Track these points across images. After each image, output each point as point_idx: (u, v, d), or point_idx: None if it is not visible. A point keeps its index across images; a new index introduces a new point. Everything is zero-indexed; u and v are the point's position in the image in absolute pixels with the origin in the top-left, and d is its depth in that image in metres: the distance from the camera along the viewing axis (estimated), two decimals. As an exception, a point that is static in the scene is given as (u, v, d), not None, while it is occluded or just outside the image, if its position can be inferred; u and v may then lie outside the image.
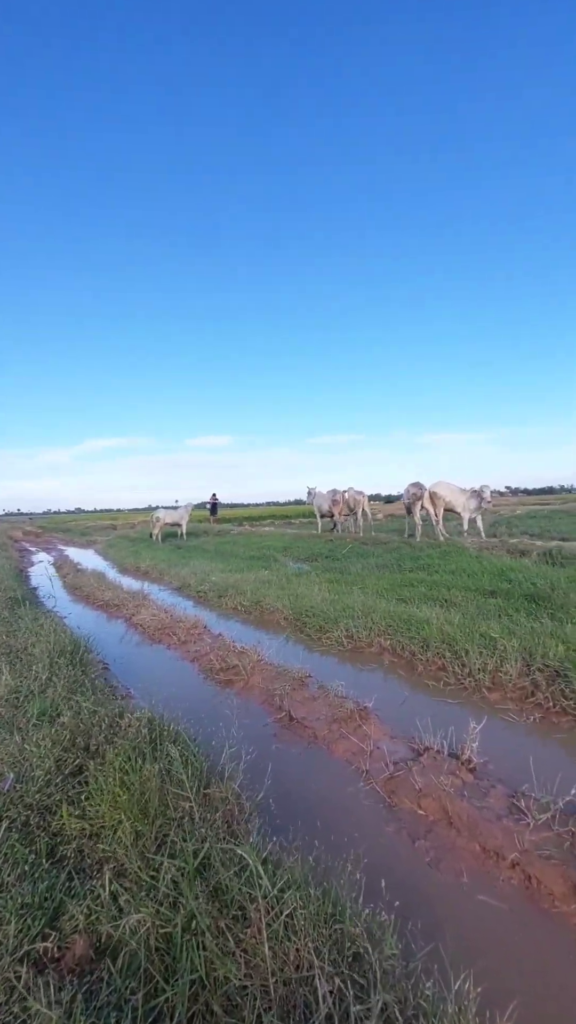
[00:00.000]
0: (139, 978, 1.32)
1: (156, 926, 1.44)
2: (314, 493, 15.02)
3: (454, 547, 9.62)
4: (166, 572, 10.56)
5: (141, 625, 6.34)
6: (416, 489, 11.44)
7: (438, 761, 2.85)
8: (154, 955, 1.37)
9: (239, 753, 2.66)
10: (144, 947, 1.39)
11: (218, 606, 7.41)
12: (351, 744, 3.16)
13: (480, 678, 3.91)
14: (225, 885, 1.61)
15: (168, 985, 1.29)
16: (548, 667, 3.76)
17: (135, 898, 1.56)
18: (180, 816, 2.05)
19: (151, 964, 1.35)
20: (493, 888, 1.99)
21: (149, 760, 2.35)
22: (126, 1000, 1.26)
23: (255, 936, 1.41)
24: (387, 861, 2.14)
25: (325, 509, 14.55)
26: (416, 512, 11.53)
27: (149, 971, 1.34)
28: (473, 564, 7.68)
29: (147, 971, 1.34)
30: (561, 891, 1.92)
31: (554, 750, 3.03)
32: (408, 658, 4.60)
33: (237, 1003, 1.26)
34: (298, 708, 3.72)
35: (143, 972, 1.33)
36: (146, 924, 1.44)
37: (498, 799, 2.50)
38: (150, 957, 1.36)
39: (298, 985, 1.33)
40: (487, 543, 9.87)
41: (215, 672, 4.55)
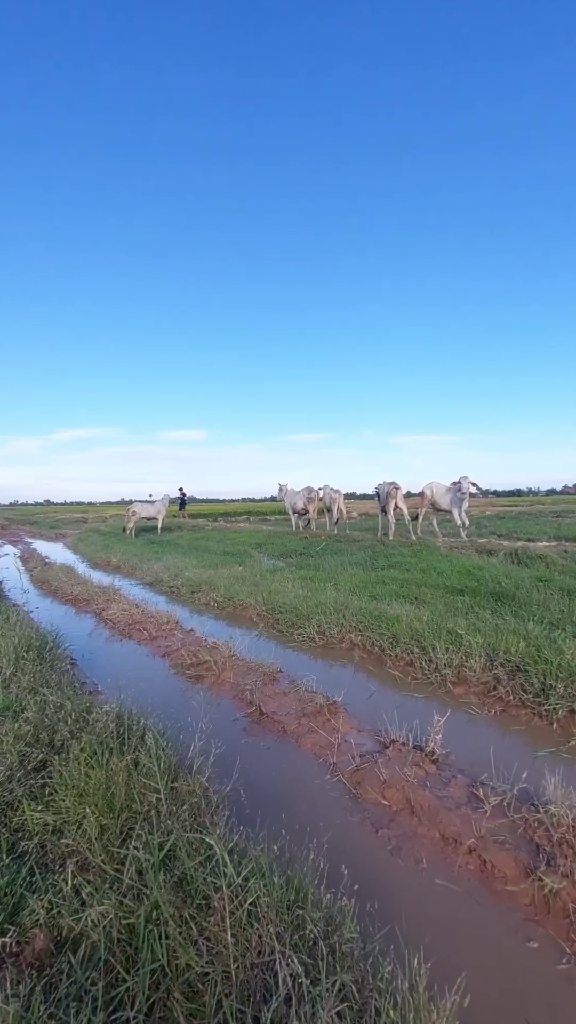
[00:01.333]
0: (100, 969, 1.33)
1: (119, 917, 1.44)
2: (286, 491, 15.01)
3: (426, 546, 9.84)
4: (138, 567, 10.41)
5: (111, 620, 6.25)
6: (390, 487, 11.59)
7: (403, 753, 2.93)
8: (116, 946, 1.38)
9: (208, 747, 2.67)
10: (106, 939, 1.39)
11: (191, 602, 7.37)
12: (320, 738, 3.22)
13: (446, 673, 4.03)
14: (190, 875, 1.62)
15: (129, 975, 1.30)
16: (510, 662, 3.92)
17: (98, 891, 1.55)
18: (147, 809, 2.05)
19: (112, 955, 1.35)
20: (450, 873, 2.08)
21: (116, 754, 2.34)
22: (86, 991, 1.26)
23: (218, 924, 1.43)
24: (350, 849, 2.20)
25: (299, 507, 14.56)
26: (390, 511, 11.70)
27: (110, 962, 1.34)
28: (443, 563, 7.88)
29: (108, 962, 1.34)
30: (513, 873, 2.02)
31: (513, 741, 3.16)
32: (378, 654, 4.70)
33: (198, 989, 1.28)
34: (268, 703, 3.75)
35: (104, 963, 1.34)
36: (109, 916, 1.44)
37: (458, 788, 2.60)
38: (112, 948, 1.37)
39: (259, 970, 1.36)
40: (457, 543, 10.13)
41: (186, 667, 4.54)
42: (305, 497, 14.09)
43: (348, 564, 8.82)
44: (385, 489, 11.65)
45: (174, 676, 4.51)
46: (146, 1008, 1.24)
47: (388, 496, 11.48)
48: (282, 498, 15.37)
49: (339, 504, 14.25)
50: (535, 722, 3.35)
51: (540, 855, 2.08)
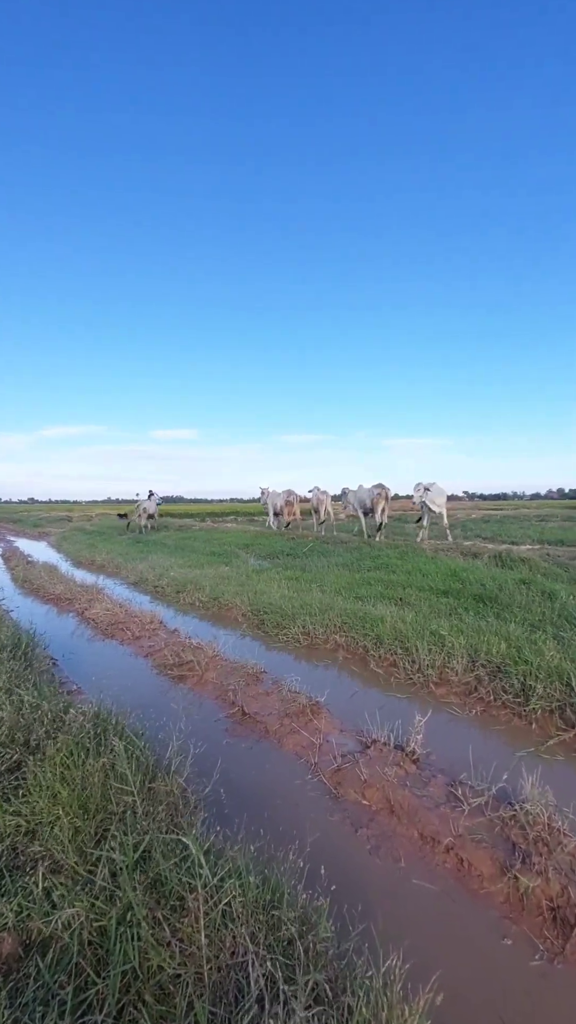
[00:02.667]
0: (70, 972, 1.30)
1: (90, 920, 1.41)
2: (267, 493, 15.55)
3: (412, 548, 9.91)
4: (123, 567, 10.30)
5: (94, 620, 6.16)
6: (379, 490, 11.78)
7: (384, 753, 2.94)
8: (86, 949, 1.35)
9: (187, 747, 2.64)
10: (77, 941, 1.36)
11: (176, 602, 7.31)
12: (302, 738, 3.21)
13: (428, 674, 4.06)
14: (165, 876, 1.60)
15: (99, 978, 1.27)
16: (491, 663, 3.96)
17: (70, 893, 1.52)
18: (122, 811, 2.02)
19: (83, 958, 1.32)
20: (428, 871, 2.08)
21: (93, 755, 2.30)
22: (54, 995, 1.23)
23: (192, 925, 1.41)
24: (329, 849, 2.19)
25: (278, 508, 14.98)
26: (378, 513, 11.82)
27: (81, 965, 1.31)
28: (428, 565, 7.94)
29: (79, 965, 1.32)
30: (489, 872, 2.03)
31: (493, 741, 3.19)
32: (362, 654, 4.71)
33: (169, 991, 1.26)
34: (251, 703, 3.73)
35: (74, 966, 1.31)
36: (80, 918, 1.41)
37: (438, 788, 2.61)
38: (82, 951, 1.34)
39: (233, 970, 1.35)
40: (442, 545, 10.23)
41: (169, 668, 4.50)
42: (284, 499, 14.57)
43: (334, 565, 8.83)
44: (373, 493, 11.90)
45: (156, 676, 4.46)
46: (116, 1011, 1.21)
47: (376, 499, 11.71)
48: (263, 501, 15.92)
49: (326, 506, 14.36)
50: (515, 722, 3.39)
51: (516, 853, 2.10)
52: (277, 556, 10.63)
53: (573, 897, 1.85)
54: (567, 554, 8.81)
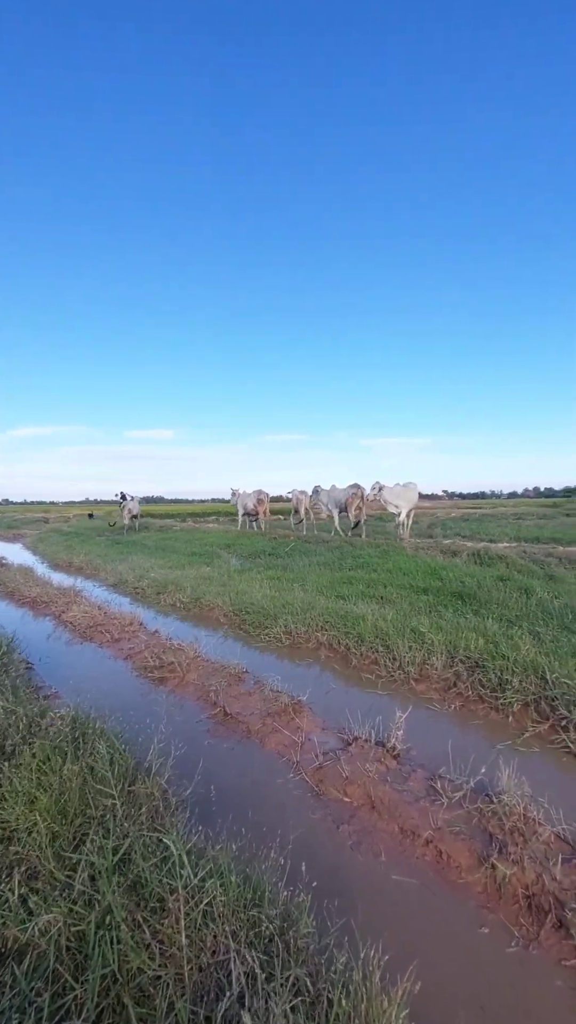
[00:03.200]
0: (47, 978, 1.27)
1: (68, 925, 1.39)
2: (238, 494, 16.05)
3: (393, 547, 10.02)
4: (102, 568, 10.14)
5: (71, 623, 6.05)
6: (354, 490, 12.03)
7: (365, 750, 2.97)
8: (64, 954, 1.33)
9: (168, 749, 2.62)
10: (54, 947, 1.34)
11: (156, 603, 7.23)
12: (284, 737, 3.21)
13: (409, 670, 4.11)
14: (145, 878, 1.59)
15: (78, 983, 1.26)
16: (469, 659, 4.03)
17: (47, 899, 1.49)
18: (102, 814, 1.99)
19: (61, 963, 1.30)
20: (408, 865, 2.11)
21: (71, 759, 2.26)
22: (31, 1002, 1.21)
23: (173, 926, 1.40)
24: (311, 846, 2.21)
25: (249, 508, 15.34)
26: (352, 512, 12.05)
27: (59, 970, 1.29)
28: (409, 563, 8.05)
29: (56, 971, 1.29)
30: (467, 863, 2.08)
31: (471, 735, 3.26)
32: (344, 652, 4.74)
33: (150, 993, 1.25)
34: (233, 703, 3.72)
35: (52, 972, 1.29)
36: (58, 923, 1.39)
37: (418, 782, 2.65)
38: (60, 957, 1.32)
39: (214, 969, 1.34)
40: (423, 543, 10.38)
41: (149, 670, 4.44)
42: (255, 499, 15.00)
43: (316, 564, 8.87)
44: (348, 493, 12.26)
45: (137, 678, 4.41)
46: (95, 1016, 1.20)
47: (351, 499, 12.04)
48: (234, 502, 16.43)
49: (305, 505, 14.48)
50: (492, 716, 3.46)
51: (493, 844, 2.15)
52: (259, 556, 10.62)
53: (547, 884, 1.90)
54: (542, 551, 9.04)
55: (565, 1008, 1.52)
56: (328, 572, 7.97)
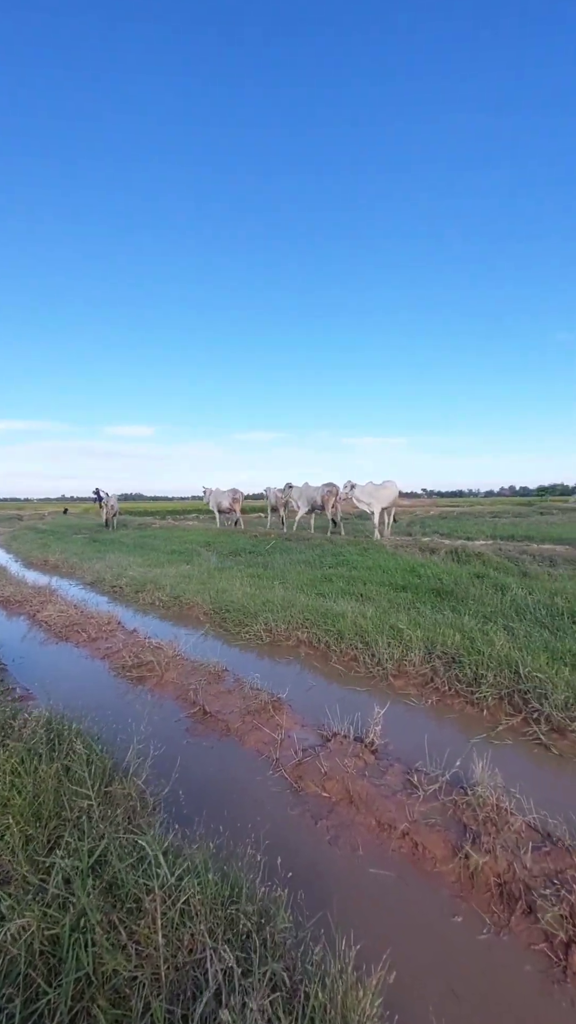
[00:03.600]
0: (19, 984, 1.25)
1: (42, 929, 1.37)
2: (211, 492, 16.25)
3: (373, 545, 10.12)
4: (79, 566, 9.95)
5: (47, 622, 5.93)
6: (329, 488, 12.31)
7: (344, 745, 3.00)
8: (37, 959, 1.30)
9: (147, 749, 2.60)
10: (27, 952, 1.31)
11: (135, 601, 7.14)
12: (263, 735, 3.22)
13: (387, 667, 4.17)
14: (121, 879, 1.57)
15: (51, 987, 1.24)
16: (446, 654, 4.11)
17: (20, 903, 1.47)
18: (77, 816, 1.96)
19: (34, 968, 1.28)
20: (384, 857, 2.15)
21: (45, 761, 2.22)
22: (1, 1008, 1.19)
23: (149, 926, 1.39)
24: (290, 842, 2.22)
25: (224, 506, 15.59)
26: (328, 509, 12.37)
27: (31, 976, 1.27)
28: (389, 561, 8.14)
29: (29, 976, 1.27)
30: (442, 854, 2.12)
31: (447, 729, 3.32)
32: (323, 650, 4.77)
33: (125, 994, 1.24)
34: (212, 702, 3.71)
35: (24, 977, 1.26)
36: (31, 928, 1.36)
37: (395, 776, 2.70)
38: (33, 961, 1.30)
39: (191, 968, 1.34)
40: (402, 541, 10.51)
41: (128, 669, 4.39)
42: (231, 497, 15.24)
43: (297, 562, 8.89)
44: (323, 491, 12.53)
45: (114, 678, 4.35)
46: (68, 1019, 1.18)
47: (326, 496, 12.30)
48: (207, 500, 16.57)
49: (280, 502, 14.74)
50: (467, 710, 3.54)
51: (467, 834, 2.20)
52: (239, 554, 10.59)
53: (518, 872, 1.96)
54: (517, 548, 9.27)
55: (533, 991, 1.57)
56: (308, 570, 8.01)
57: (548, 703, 3.24)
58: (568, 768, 2.80)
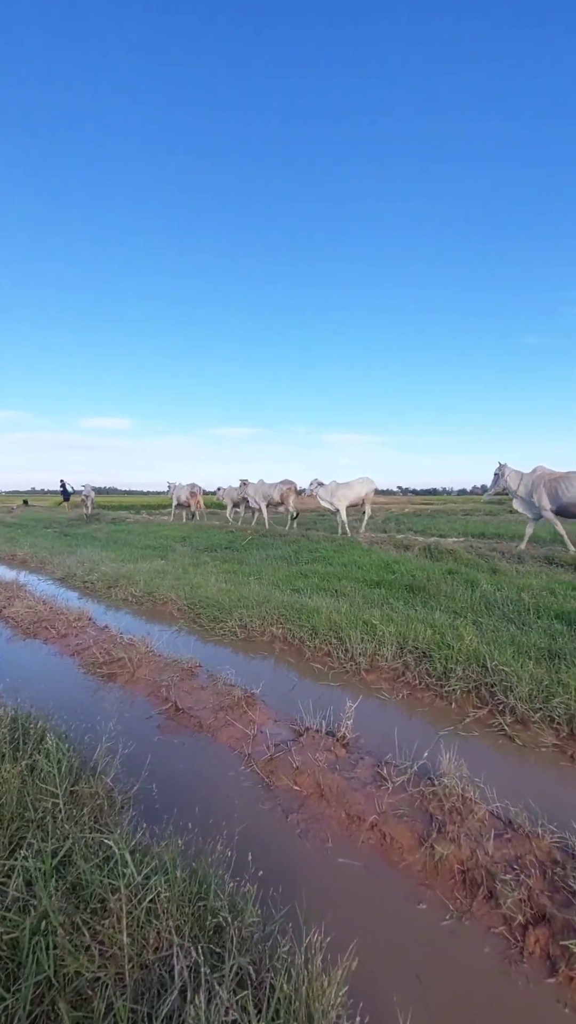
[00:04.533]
0: (-25, 992, 1.21)
1: (1, 934, 1.33)
2: (173, 486, 17.44)
3: (349, 541, 10.21)
4: (48, 561, 9.69)
5: (13, 619, 5.76)
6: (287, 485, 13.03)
7: (316, 740, 3.02)
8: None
9: (116, 747, 2.56)
10: (-16, 958, 1.28)
11: (107, 597, 7.01)
12: (236, 730, 3.21)
13: (360, 662, 4.22)
14: (86, 880, 1.54)
15: (8, 992, 1.20)
16: (417, 649, 4.19)
17: (-23, 908, 1.42)
18: (41, 816, 1.91)
19: (-9, 975, 1.24)
20: (353, 849, 2.18)
21: (8, 760, 2.16)
22: (-44, 1017, 1.15)
23: (114, 925, 1.37)
24: (260, 836, 2.23)
25: (183, 500, 16.76)
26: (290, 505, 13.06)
27: (-12, 982, 1.23)
28: (364, 557, 8.23)
29: (-14, 983, 1.24)
30: (409, 844, 2.17)
31: (417, 722, 3.39)
32: (298, 645, 4.80)
33: (87, 996, 1.22)
34: (185, 698, 3.68)
35: (-19, 985, 1.23)
36: (-11, 934, 1.32)
37: (365, 769, 2.74)
38: (-10, 968, 1.26)
39: (157, 966, 1.33)
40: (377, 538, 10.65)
41: (98, 666, 4.31)
42: (188, 492, 16.50)
43: (273, 558, 8.90)
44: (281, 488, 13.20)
45: (84, 676, 4.26)
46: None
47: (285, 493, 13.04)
48: (169, 493, 17.79)
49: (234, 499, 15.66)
50: (437, 703, 3.62)
51: (433, 824, 2.25)
52: (215, 549, 10.51)
53: (480, 859, 2.02)
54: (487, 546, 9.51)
55: (491, 971, 1.63)
56: (284, 566, 8.02)
57: (513, 695, 3.35)
58: (530, 758, 2.90)
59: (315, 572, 7.31)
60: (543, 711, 3.20)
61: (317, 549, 9.46)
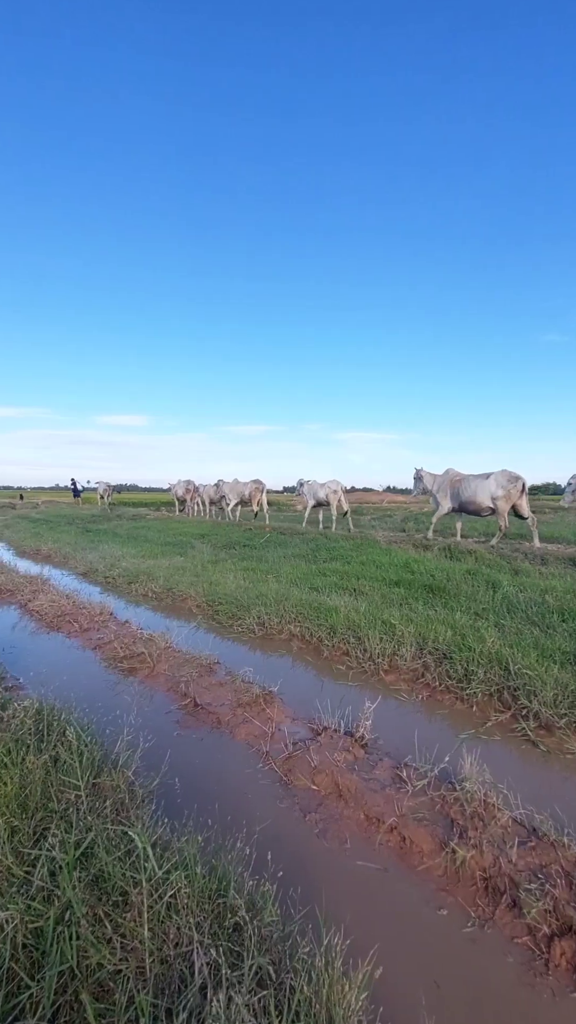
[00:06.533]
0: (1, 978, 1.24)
1: (26, 922, 1.36)
2: (174, 484, 19.63)
3: (367, 540, 10.14)
4: (71, 556, 9.89)
5: (38, 612, 5.88)
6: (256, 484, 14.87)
7: (334, 740, 3.01)
8: (20, 952, 1.29)
9: (136, 741, 2.59)
10: (10, 945, 1.30)
11: (128, 593, 7.11)
12: (254, 727, 3.22)
13: (379, 662, 4.18)
14: (108, 872, 1.56)
15: (34, 980, 1.23)
16: (437, 650, 4.13)
17: (4, 895, 1.45)
18: (64, 808, 1.95)
19: (16, 962, 1.27)
20: (372, 851, 2.16)
21: (34, 752, 2.20)
22: (-17, 1002, 1.18)
23: (135, 919, 1.39)
24: (278, 835, 2.22)
25: (180, 495, 19.14)
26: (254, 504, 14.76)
27: (14, 969, 1.26)
28: (382, 556, 8.15)
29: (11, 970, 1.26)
30: (429, 848, 2.14)
31: (437, 724, 3.34)
32: (316, 644, 4.78)
33: (109, 988, 1.24)
34: (204, 694, 3.70)
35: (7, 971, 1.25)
36: (14, 921, 1.35)
37: (384, 771, 2.71)
38: (16, 955, 1.29)
39: (177, 961, 1.34)
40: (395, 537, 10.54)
41: (119, 660, 4.37)
42: (184, 488, 18.84)
43: (291, 556, 8.89)
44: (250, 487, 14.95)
45: (105, 670, 4.33)
46: (51, 1013, 1.18)
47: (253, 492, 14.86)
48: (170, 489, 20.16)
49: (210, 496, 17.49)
50: (457, 706, 3.56)
51: (454, 829, 2.21)
52: (233, 547, 10.56)
53: (504, 867, 1.98)
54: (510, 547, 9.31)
55: (514, 982, 1.59)
56: (302, 564, 8.00)
57: (537, 700, 3.26)
58: (555, 765, 2.82)
59: (333, 571, 7.28)
60: (568, 717, 3.12)
61: (335, 548, 9.41)
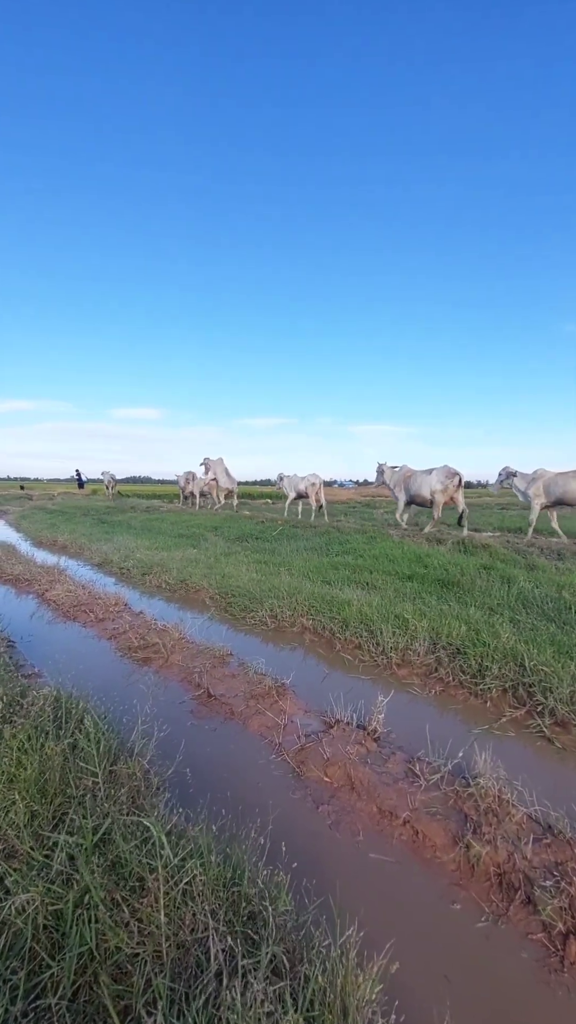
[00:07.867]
0: (23, 957, 1.28)
1: (46, 904, 1.39)
2: (180, 476, 21.02)
3: (380, 533, 10.09)
4: (87, 547, 10.03)
5: (55, 602, 5.99)
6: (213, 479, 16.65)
7: (347, 732, 3.01)
8: (41, 933, 1.33)
9: (151, 730, 2.62)
10: (31, 926, 1.34)
11: (142, 584, 7.19)
12: (267, 719, 3.24)
13: (391, 656, 4.17)
14: (125, 858, 1.59)
15: (54, 961, 1.26)
16: (451, 645, 4.10)
17: (25, 878, 1.49)
18: (82, 794, 1.98)
19: (38, 942, 1.30)
20: (385, 844, 2.16)
21: (52, 739, 2.25)
22: (6, 980, 1.21)
23: (152, 904, 1.41)
24: (291, 826, 2.24)
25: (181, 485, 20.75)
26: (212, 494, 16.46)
27: (35, 949, 1.29)
28: (395, 550, 8.10)
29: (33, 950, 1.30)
30: (442, 842, 2.13)
31: (450, 719, 3.33)
32: (328, 637, 4.78)
33: (127, 971, 1.26)
34: (217, 685, 3.74)
35: (28, 951, 1.29)
36: (35, 903, 1.39)
37: (397, 765, 2.70)
38: (37, 936, 1.32)
39: (192, 947, 1.36)
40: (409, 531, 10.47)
41: (133, 650, 4.43)
42: (184, 479, 20.47)
43: (303, 549, 8.89)
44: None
45: (120, 659, 4.39)
46: (71, 993, 1.21)
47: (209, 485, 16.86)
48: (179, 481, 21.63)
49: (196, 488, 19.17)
50: (471, 701, 3.53)
51: (468, 824, 2.21)
52: (246, 539, 10.60)
53: (518, 863, 1.97)
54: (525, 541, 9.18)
55: (528, 979, 1.58)
56: (315, 557, 8.00)
57: (553, 697, 3.22)
58: (571, 762, 2.79)
59: (346, 564, 7.26)
60: (585, 714, 3.07)
61: (347, 541, 9.38)
